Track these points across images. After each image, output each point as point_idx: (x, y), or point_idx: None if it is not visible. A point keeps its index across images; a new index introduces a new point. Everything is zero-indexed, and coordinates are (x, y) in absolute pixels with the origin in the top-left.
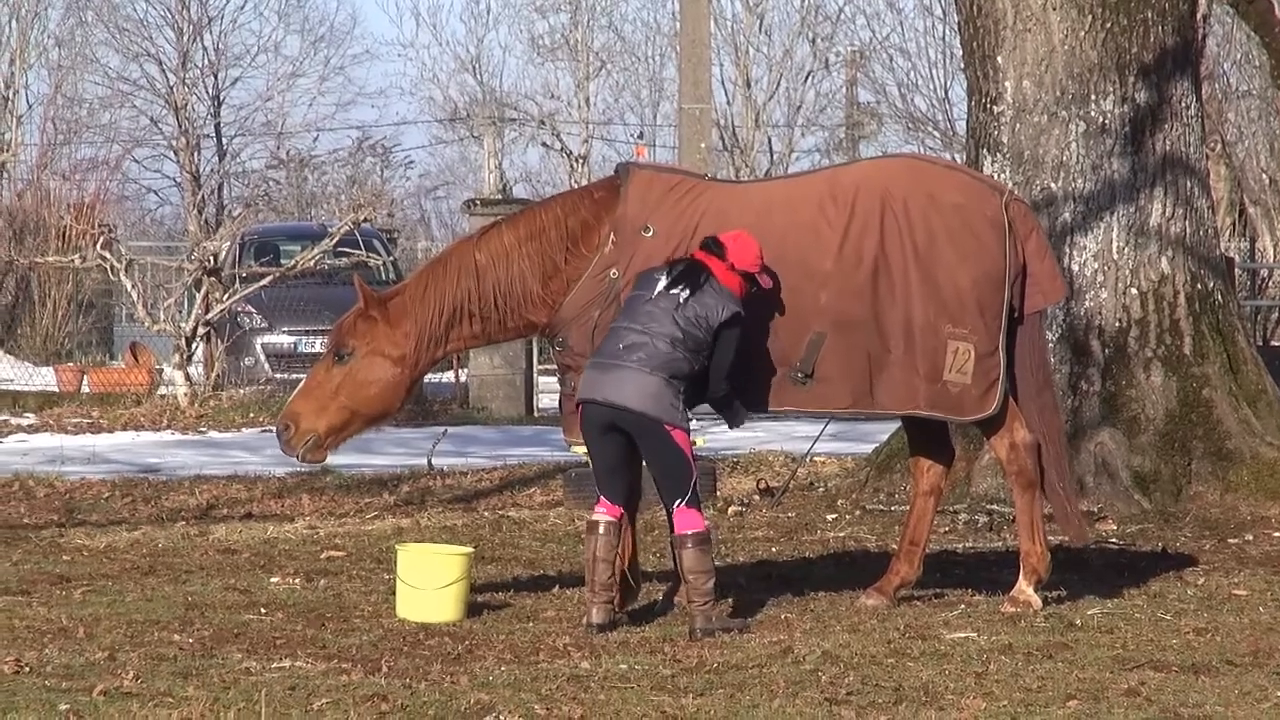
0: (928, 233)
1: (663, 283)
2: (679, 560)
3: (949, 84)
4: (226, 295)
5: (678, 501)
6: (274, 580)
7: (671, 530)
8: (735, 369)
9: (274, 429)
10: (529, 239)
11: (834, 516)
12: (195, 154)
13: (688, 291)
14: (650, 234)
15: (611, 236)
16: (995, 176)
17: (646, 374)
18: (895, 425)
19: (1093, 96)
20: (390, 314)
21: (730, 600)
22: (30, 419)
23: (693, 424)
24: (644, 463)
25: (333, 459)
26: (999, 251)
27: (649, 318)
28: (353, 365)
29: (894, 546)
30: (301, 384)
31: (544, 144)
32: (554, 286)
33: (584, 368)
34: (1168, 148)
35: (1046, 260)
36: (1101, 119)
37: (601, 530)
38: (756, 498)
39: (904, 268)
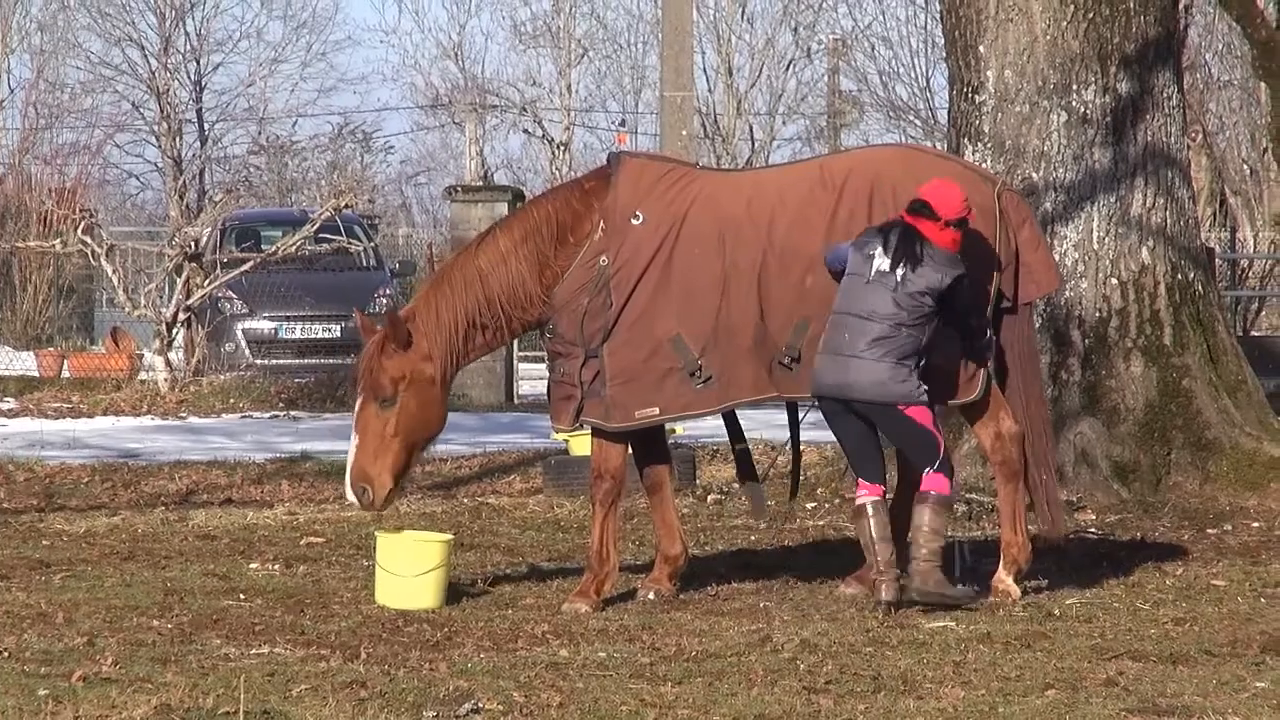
0: None
1: (879, 262)
2: (915, 515)
3: (931, 73)
4: (207, 281)
5: (927, 468)
6: (253, 566)
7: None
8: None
9: (347, 494)
10: (524, 240)
11: (814, 505)
12: (177, 139)
13: (907, 268)
14: (640, 221)
15: (601, 224)
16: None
17: (874, 362)
18: None
19: (1074, 86)
20: (411, 341)
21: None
22: (10, 403)
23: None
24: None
25: (314, 445)
26: (989, 239)
27: (869, 303)
28: (400, 403)
29: None
30: (354, 440)
31: (525, 131)
32: (546, 279)
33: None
34: (1149, 138)
35: (1040, 250)
36: (1083, 109)
37: (871, 511)
38: (736, 486)
39: None
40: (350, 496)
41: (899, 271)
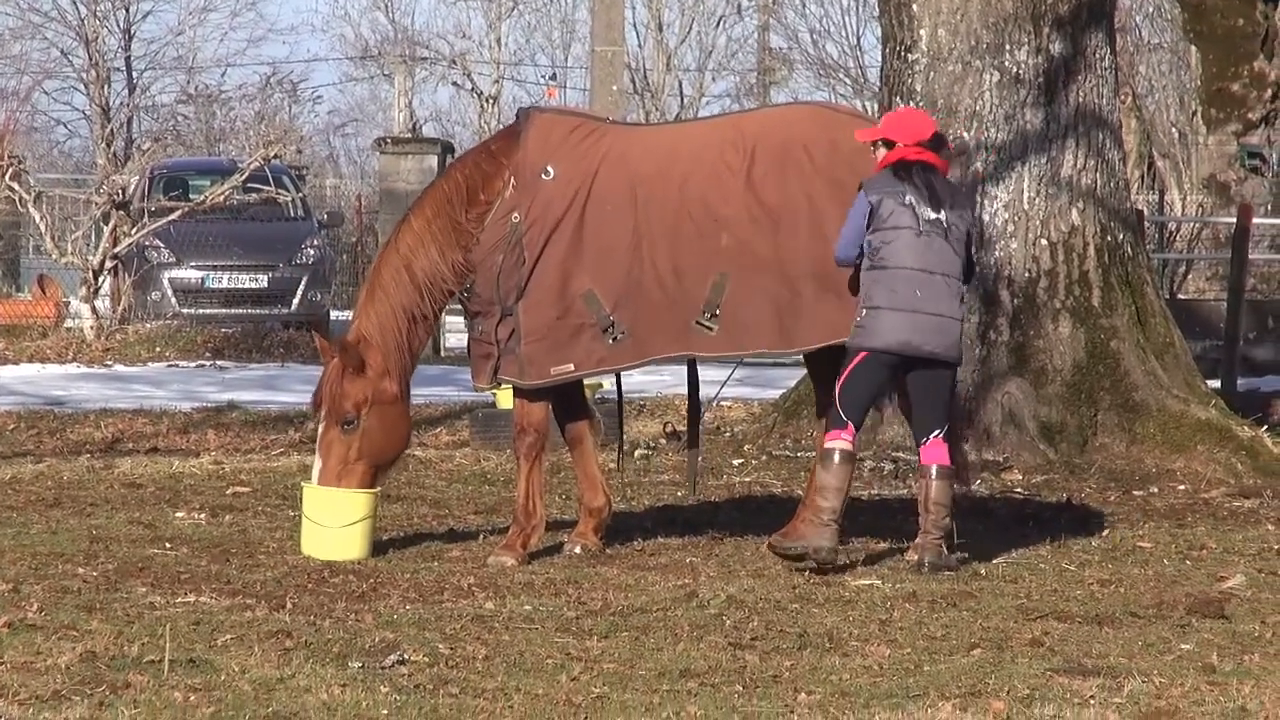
0: (830, 178)
1: (921, 209)
2: (925, 490)
3: (861, 31)
4: (134, 229)
5: (936, 433)
6: (179, 515)
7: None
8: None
9: None
10: (436, 216)
11: (740, 462)
12: (105, 87)
13: (947, 208)
14: (550, 176)
15: (511, 181)
16: None
17: (953, 320)
18: (803, 371)
19: (1008, 46)
20: (366, 360)
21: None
22: None
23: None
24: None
25: (240, 395)
26: None
27: (933, 253)
28: (364, 426)
29: (799, 492)
30: (319, 466)
31: (455, 84)
32: (464, 244)
33: (866, 311)
34: (1081, 99)
35: None
36: (1016, 69)
37: (839, 459)
38: (663, 441)
39: (807, 212)
40: None
41: (943, 214)
